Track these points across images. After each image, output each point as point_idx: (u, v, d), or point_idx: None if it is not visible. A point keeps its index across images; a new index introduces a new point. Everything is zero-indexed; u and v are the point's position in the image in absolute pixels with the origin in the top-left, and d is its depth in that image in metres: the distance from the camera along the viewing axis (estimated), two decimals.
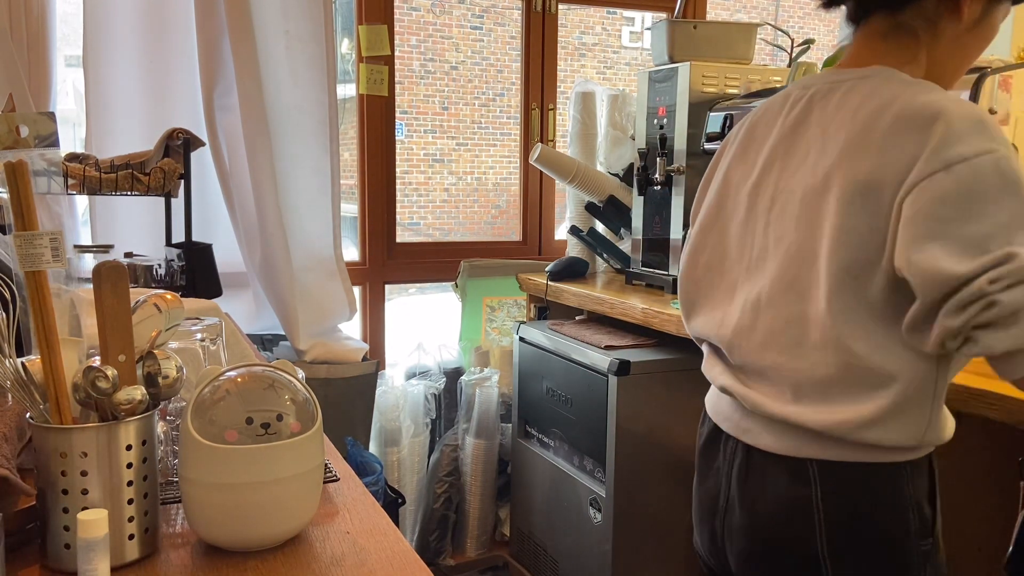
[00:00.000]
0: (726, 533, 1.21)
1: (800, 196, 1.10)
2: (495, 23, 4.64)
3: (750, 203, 1.19)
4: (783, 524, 1.12)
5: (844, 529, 1.09)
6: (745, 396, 1.15)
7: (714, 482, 1.23)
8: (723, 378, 1.21)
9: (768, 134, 1.19)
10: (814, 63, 2.34)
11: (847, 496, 1.09)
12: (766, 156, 1.18)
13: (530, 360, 2.52)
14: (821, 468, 1.09)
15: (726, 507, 1.20)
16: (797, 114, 1.15)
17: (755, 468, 1.16)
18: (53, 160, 1.85)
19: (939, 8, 1.10)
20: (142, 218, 2.44)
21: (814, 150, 1.10)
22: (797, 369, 1.09)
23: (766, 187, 1.16)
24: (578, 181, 2.70)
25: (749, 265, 1.18)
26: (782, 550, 1.14)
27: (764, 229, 1.15)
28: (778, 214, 1.13)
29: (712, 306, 1.24)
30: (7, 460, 0.93)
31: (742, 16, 7.05)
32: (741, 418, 1.18)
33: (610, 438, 2.10)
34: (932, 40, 1.11)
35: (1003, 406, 1.26)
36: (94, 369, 0.85)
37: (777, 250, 1.12)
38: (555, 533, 2.42)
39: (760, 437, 1.15)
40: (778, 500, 1.12)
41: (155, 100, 2.47)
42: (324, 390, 2.48)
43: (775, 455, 1.13)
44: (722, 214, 1.24)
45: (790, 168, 1.13)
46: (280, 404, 0.92)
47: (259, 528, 0.90)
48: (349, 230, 2.97)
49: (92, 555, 0.74)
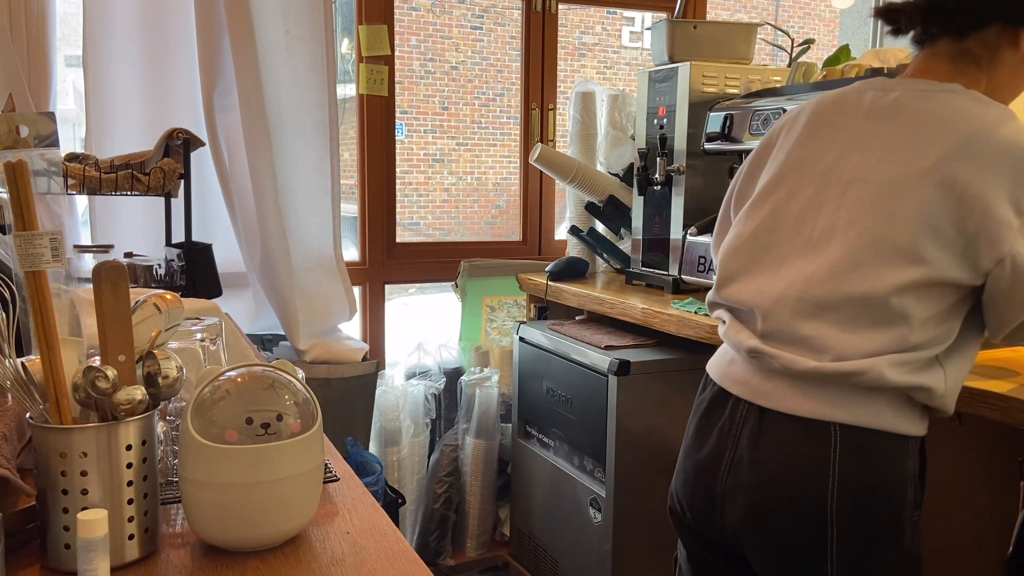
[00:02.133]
0: (727, 493, 1.25)
1: (885, 186, 1.16)
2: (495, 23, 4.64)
3: (819, 185, 1.23)
4: (797, 482, 1.18)
5: (855, 491, 1.15)
6: (778, 356, 1.20)
7: (715, 445, 1.27)
8: (751, 341, 1.24)
9: (842, 124, 1.25)
10: (814, 63, 2.34)
11: (861, 460, 1.16)
12: (843, 144, 1.23)
13: (530, 360, 2.52)
14: (843, 431, 1.16)
15: (730, 467, 1.24)
16: (883, 110, 1.22)
17: (770, 430, 1.20)
18: (53, 160, 1.85)
19: (1000, 38, 1.20)
20: (142, 218, 2.44)
21: (905, 146, 1.17)
22: (845, 341, 1.15)
23: (841, 172, 1.22)
24: (578, 181, 2.70)
25: (808, 242, 1.22)
26: (792, 507, 1.18)
27: (834, 211, 1.20)
28: (854, 199, 1.19)
29: (752, 275, 1.29)
30: (7, 460, 0.93)
31: (742, 16, 7.05)
32: (761, 381, 1.23)
33: (610, 438, 2.10)
34: (992, 66, 1.22)
35: (1003, 406, 1.26)
36: (94, 369, 0.85)
37: (847, 232, 1.18)
38: (555, 533, 2.42)
39: (781, 400, 1.20)
40: (794, 459, 1.18)
41: (155, 100, 2.47)
42: (324, 390, 2.48)
43: (796, 417, 1.18)
44: (778, 192, 1.29)
45: (873, 159, 1.19)
46: (280, 404, 0.92)
47: (259, 528, 0.90)
48: (349, 230, 2.97)
49: (92, 555, 0.74)
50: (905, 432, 1.17)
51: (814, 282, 1.19)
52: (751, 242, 1.30)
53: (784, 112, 1.97)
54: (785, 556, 1.22)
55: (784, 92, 2.12)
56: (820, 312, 1.18)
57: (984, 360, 1.42)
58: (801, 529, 1.18)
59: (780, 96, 2.08)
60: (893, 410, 1.16)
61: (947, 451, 1.48)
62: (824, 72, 2.22)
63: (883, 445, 1.16)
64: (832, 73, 2.16)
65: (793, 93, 2.07)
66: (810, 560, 1.19)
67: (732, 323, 1.31)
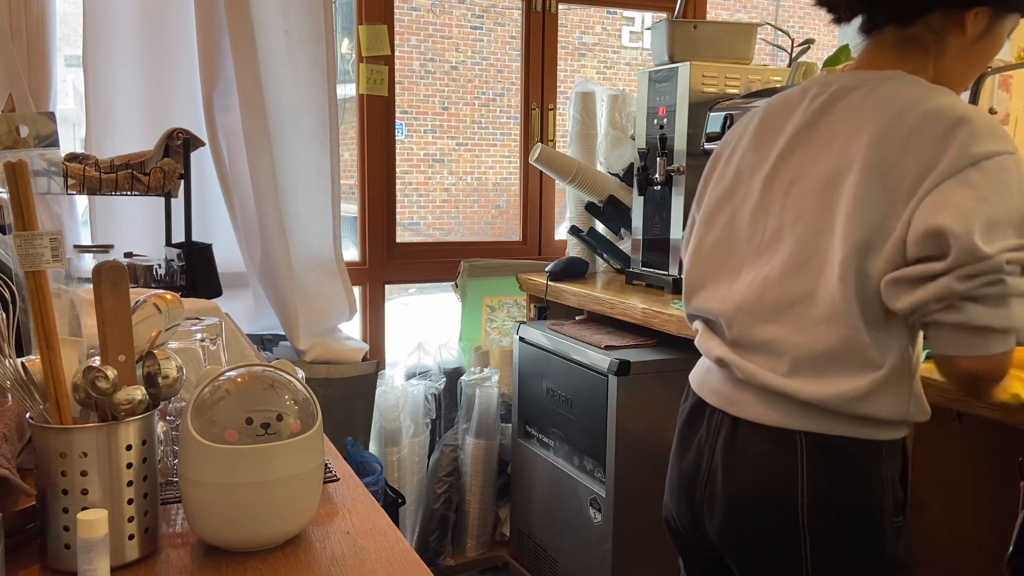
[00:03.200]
0: (706, 503, 1.25)
1: (822, 179, 1.15)
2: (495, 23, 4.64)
3: (765, 188, 1.23)
4: (766, 492, 1.17)
5: (825, 499, 1.14)
6: (741, 366, 1.20)
7: (695, 454, 1.28)
8: (719, 350, 1.25)
9: (785, 125, 1.24)
10: (814, 63, 2.34)
11: (831, 468, 1.15)
12: (784, 144, 1.23)
13: (530, 360, 2.52)
14: (809, 440, 1.15)
15: (707, 478, 1.24)
16: (819, 106, 1.20)
17: (740, 439, 1.20)
18: (53, 160, 1.85)
19: (945, 22, 1.17)
20: (142, 218, 2.44)
21: (839, 138, 1.15)
22: (798, 343, 1.14)
23: (784, 172, 1.21)
24: (578, 181, 2.70)
25: (760, 246, 1.22)
26: (763, 517, 1.18)
27: (780, 211, 1.20)
28: (796, 196, 1.18)
29: (715, 284, 1.29)
30: (7, 460, 0.93)
31: (742, 16, 7.05)
32: (731, 390, 1.23)
33: (610, 438, 2.10)
34: (939, 51, 1.19)
35: (1003, 406, 1.26)
36: (94, 369, 0.85)
37: (794, 229, 1.18)
38: (555, 533, 2.42)
39: (749, 409, 1.20)
40: (763, 468, 1.18)
41: (155, 100, 2.47)
42: (324, 390, 2.48)
43: (764, 426, 1.18)
44: (732, 199, 1.29)
45: (810, 155, 1.19)
46: (280, 404, 0.92)
47: (259, 528, 0.90)
48: (349, 230, 2.97)
49: (92, 555, 0.74)
50: (877, 438, 1.15)
51: (769, 284, 1.19)
52: (712, 251, 1.30)
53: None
54: (762, 565, 1.21)
55: None
56: (777, 314, 1.17)
57: None
58: (775, 538, 1.18)
59: None
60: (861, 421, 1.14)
61: (947, 451, 1.48)
62: (824, 72, 2.22)
63: (853, 452, 1.15)
64: (832, 73, 2.15)
65: None
66: (786, 569, 1.18)
67: (703, 332, 1.32)
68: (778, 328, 1.17)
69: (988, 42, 1.20)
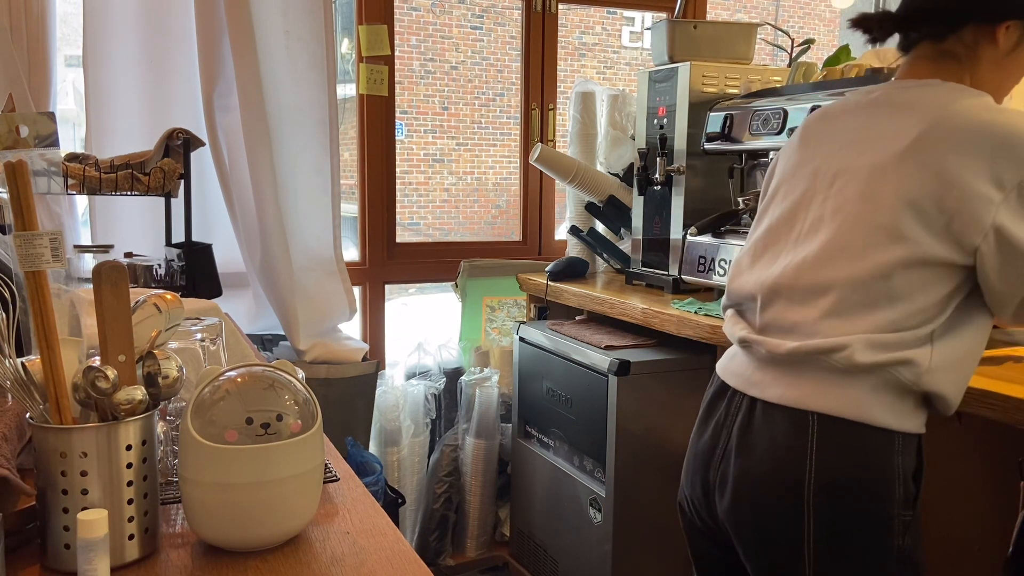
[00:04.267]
0: (718, 482, 1.28)
1: (867, 173, 1.19)
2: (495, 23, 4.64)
3: (808, 184, 1.27)
4: (775, 470, 1.19)
5: (831, 482, 1.16)
6: (763, 342, 1.23)
7: (712, 434, 1.30)
8: (743, 332, 1.29)
9: (828, 128, 1.31)
10: (814, 63, 2.34)
11: (840, 451, 1.16)
12: (829, 144, 1.28)
13: (530, 360, 2.52)
14: (821, 421, 1.17)
15: (722, 456, 1.27)
16: (865, 109, 1.26)
17: (757, 420, 1.23)
18: (53, 160, 1.85)
19: (977, 36, 1.23)
20: (142, 218, 2.44)
21: (885, 137, 1.19)
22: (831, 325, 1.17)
23: (828, 168, 1.25)
24: (578, 181, 2.70)
25: (799, 235, 1.26)
26: (770, 495, 1.20)
27: (822, 203, 1.24)
28: (839, 189, 1.22)
29: (751, 271, 1.33)
30: (7, 460, 0.93)
31: (742, 16, 7.05)
32: (753, 372, 1.26)
33: (610, 438, 2.10)
34: (974, 64, 1.24)
35: (1003, 406, 1.26)
36: (94, 369, 0.85)
37: (834, 219, 1.21)
38: (555, 533, 2.42)
39: (768, 389, 1.22)
40: (774, 447, 1.20)
41: (155, 100, 2.46)
42: (324, 390, 2.48)
43: (779, 406, 1.20)
44: (776, 200, 1.34)
45: (855, 152, 1.23)
46: (280, 404, 0.92)
47: (259, 528, 0.90)
48: (349, 230, 2.97)
49: (92, 555, 0.74)
50: (890, 426, 1.16)
51: (803, 269, 1.22)
52: (753, 246, 1.35)
53: (784, 112, 1.98)
54: (765, 545, 1.23)
55: (784, 92, 2.11)
56: (810, 298, 1.20)
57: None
58: (779, 517, 1.20)
59: (780, 96, 2.08)
60: (875, 401, 1.16)
61: (947, 451, 1.48)
62: (824, 72, 2.22)
63: (865, 438, 1.16)
64: (832, 73, 2.16)
65: (793, 93, 2.07)
66: (788, 550, 1.19)
67: (731, 318, 1.35)
68: (810, 311, 1.19)
69: (1022, 53, 1.24)
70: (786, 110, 1.97)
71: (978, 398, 1.29)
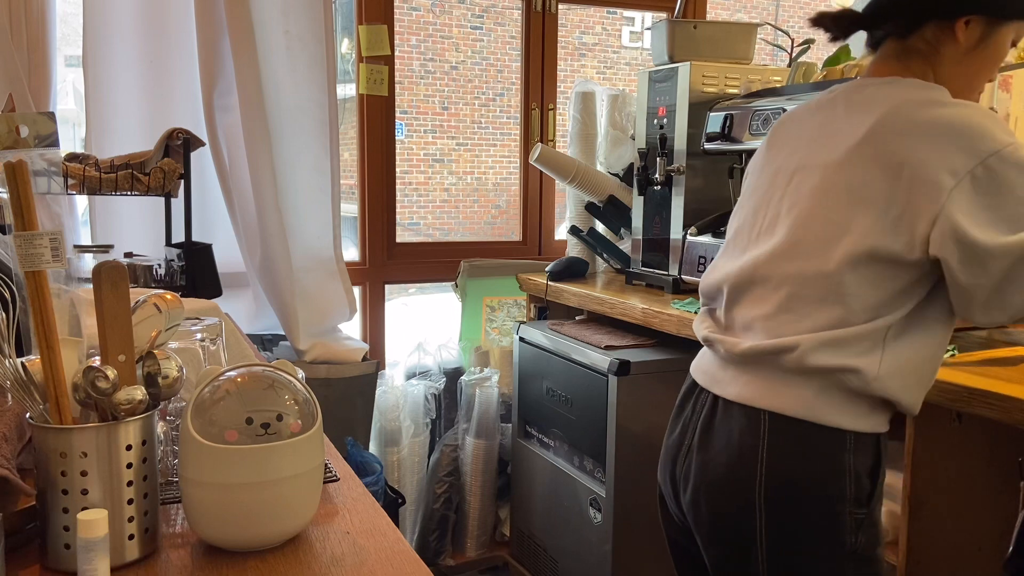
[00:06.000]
0: (681, 477, 1.31)
1: (821, 170, 1.20)
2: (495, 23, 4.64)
3: (770, 182, 1.30)
4: (728, 468, 1.22)
5: (781, 480, 1.18)
6: (723, 340, 1.26)
7: (679, 432, 1.34)
8: (707, 331, 1.32)
9: (793, 131, 1.32)
10: (814, 63, 2.34)
11: (789, 447, 1.18)
12: (791, 145, 1.30)
13: (530, 360, 2.52)
14: (772, 420, 1.18)
15: (687, 452, 1.30)
16: (824, 109, 1.28)
17: (718, 417, 1.25)
18: (53, 160, 1.85)
19: (938, 34, 1.23)
20: (142, 218, 2.44)
21: (840, 134, 1.21)
22: (784, 321, 1.19)
23: (787, 167, 1.27)
24: (578, 181, 2.70)
25: (758, 234, 1.28)
26: (723, 491, 1.23)
27: (779, 200, 1.26)
28: (795, 186, 1.24)
29: (714, 270, 1.36)
30: (7, 460, 0.93)
31: (742, 16, 7.05)
32: (717, 369, 1.28)
33: (610, 438, 2.10)
34: (937, 61, 1.24)
35: (1003, 406, 1.26)
36: (94, 369, 0.85)
37: (789, 215, 1.23)
38: (555, 533, 2.42)
39: (727, 387, 1.25)
40: (729, 445, 1.22)
41: (155, 100, 2.47)
42: (324, 390, 2.48)
43: (737, 404, 1.22)
44: (743, 200, 1.38)
45: (813, 151, 1.24)
46: (280, 404, 0.92)
47: (259, 528, 0.90)
48: (349, 230, 2.97)
49: (92, 555, 0.74)
50: (842, 426, 1.17)
51: (759, 264, 1.24)
52: (724, 246, 1.38)
53: (784, 112, 1.98)
54: (720, 541, 1.25)
55: (784, 92, 2.12)
56: (766, 294, 1.22)
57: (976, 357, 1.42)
58: (732, 515, 1.22)
59: (780, 96, 2.08)
60: (825, 402, 1.16)
61: (947, 451, 1.48)
62: (824, 72, 2.22)
63: (814, 437, 1.17)
64: (832, 73, 2.16)
65: (793, 93, 2.07)
66: (741, 547, 1.21)
67: (700, 316, 1.39)
68: (765, 307, 1.21)
69: (987, 50, 1.23)
70: (786, 110, 1.97)
71: (978, 398, 1.29)
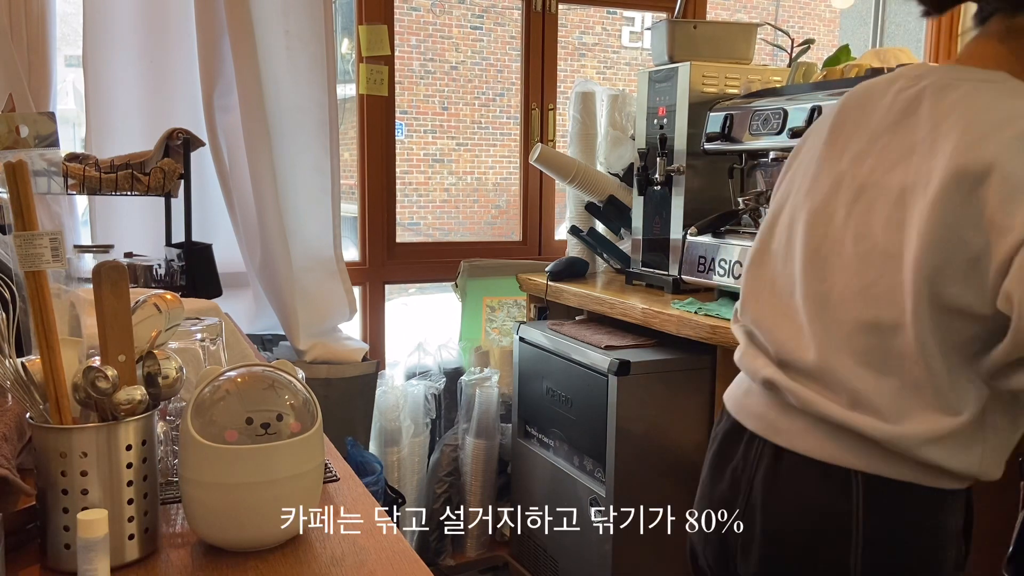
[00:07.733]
0: (741, 541, 1.14)
1: (896, 195, 1.01)
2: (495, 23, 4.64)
3: (830, 193, 1.10)
4: (816, 535, 1.07)
5: (882, 550, 1.04)
6: (795, 391, 1.07)
7: (729, 484, 1.16)
8: (767, 370, 1.12)
9: (864, 122, 1.11)
10: (814, 63, 2.34)
11: (889, 515, 1.04)
12: (859, 146, 1.10)
13: (530, 360, 2.52)
14: (867, 482, 1.03)
15: (744, 512, 1.14)
16: (903, 106, 1.06)
17: (786, 473, 1.09)
18: (53, 160, 1.85)
19: None
20: (142, 218, 2.44)
21: (921, 148, 1.01)
22: (861, 376, 1.02)
23: (853, 178, 1.08)
24: (578, 181, 2.70)
25: (815, 258, 1.10)
26: (811, 563, 1.08)
27: (843, 222, 1.07)
28: (863, 210, 1.05)
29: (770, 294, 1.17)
30: (7, 460, 0.93)
31: (742, 16, 7.05)
32: (777, 416, 1.11)
33: (610, 438, 2.10)
34: None
35: None
36: (94, 369, 0.85)
37: (857, 248, 1.04)
38: (555, 533, 2.42)
39: (799, 440, 1.08)
40: (812, 509, 1.07)
41: (155, 100, 2.47)
42: (324, 390, 2.48)
43: (814, 461, 1.06)
44: (794, 200, 1.17)
45: (886, 163, 1.05)
46: (280, 404, 0.92)
47: (259, 528, 0.90)
48: (349, 230, 2.97)
49: (92, 555, 0.74)
50: (941, 486, 1.03)
51: (826, 306, 1.06)
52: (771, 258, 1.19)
53: (784, 112, 1.98)
54: None
55: (784, 92, 2.12)
56: (832, 339, 1.05)
57: None
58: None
59: (780, 96, 2.08)
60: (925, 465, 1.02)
61: None
62: (824, 72, 2.22)
63: (915, 499, 1.03)
64: (832, 73, 2.16)
65: (793, 93, 2.07)
66: None
67: (747, 348, 1.19)
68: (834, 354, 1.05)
69: None
70: (786, 110, 1.97)
71: None
